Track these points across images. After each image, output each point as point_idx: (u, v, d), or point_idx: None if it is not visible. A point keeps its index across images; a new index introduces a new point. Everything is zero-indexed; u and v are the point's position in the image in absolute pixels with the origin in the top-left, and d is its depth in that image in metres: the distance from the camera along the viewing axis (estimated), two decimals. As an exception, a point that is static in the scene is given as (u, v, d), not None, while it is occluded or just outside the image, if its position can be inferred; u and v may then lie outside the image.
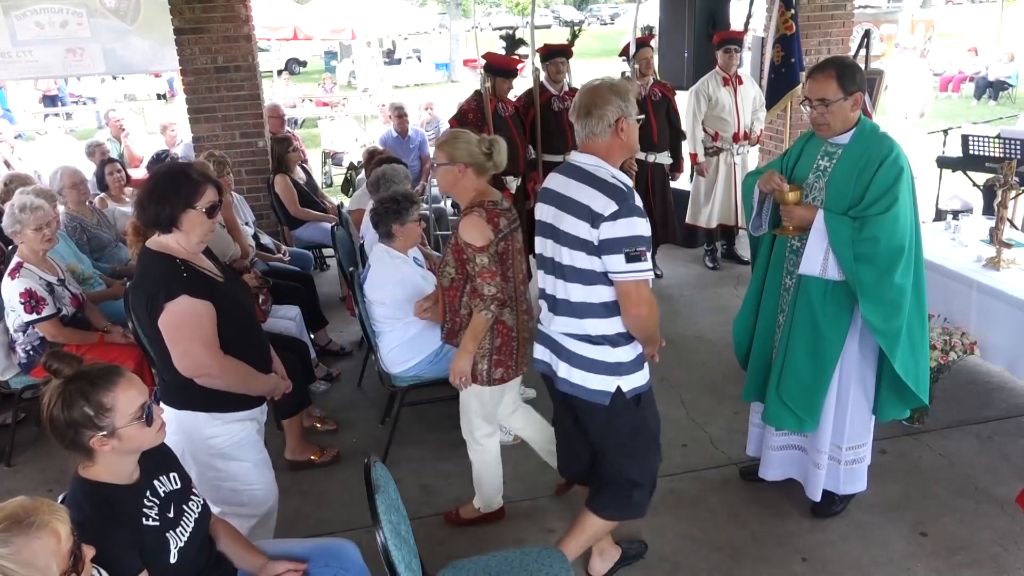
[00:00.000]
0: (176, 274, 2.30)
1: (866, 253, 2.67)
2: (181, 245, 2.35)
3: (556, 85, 5.38)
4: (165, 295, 2.26)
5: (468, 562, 2.36)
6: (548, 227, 2.48)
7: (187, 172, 2.37)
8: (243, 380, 2.43)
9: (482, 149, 2.79)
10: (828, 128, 2.77)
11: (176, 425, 2.35)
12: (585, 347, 2.47)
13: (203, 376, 2.33)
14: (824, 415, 2.99)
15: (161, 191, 2.30)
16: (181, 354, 2.30)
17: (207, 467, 2.44)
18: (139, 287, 2.36)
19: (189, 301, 2.27)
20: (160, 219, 2.30)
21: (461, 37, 24.44)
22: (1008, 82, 15.31)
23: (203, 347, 2.30)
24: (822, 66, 2.74)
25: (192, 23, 5.66)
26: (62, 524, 1.51)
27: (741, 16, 7.47)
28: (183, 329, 2.28)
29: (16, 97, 16.42)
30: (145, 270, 2.37)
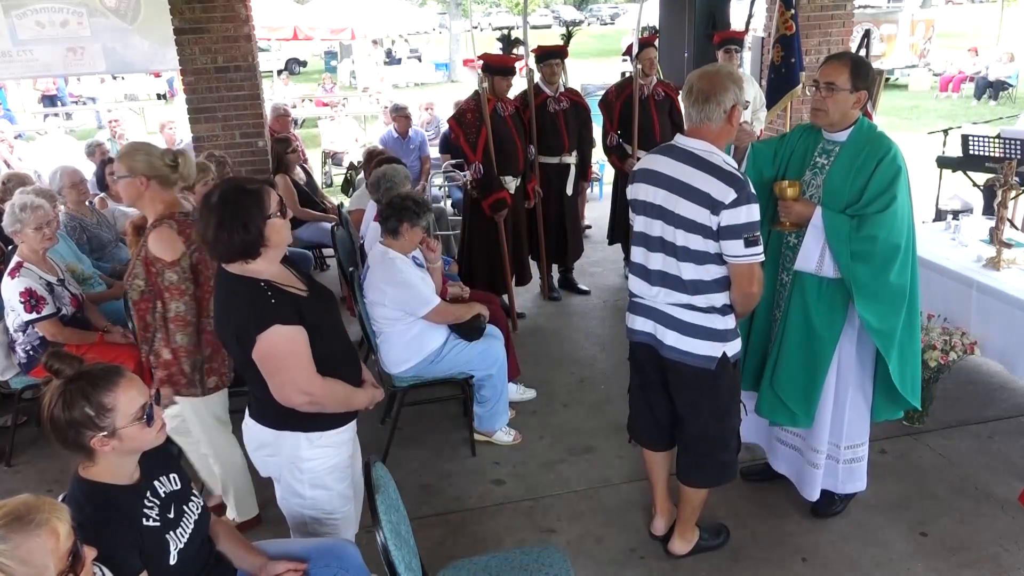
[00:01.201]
0: (264, 301, 2.13)
1: (863, 251, 2.68)
2: (268, 262, 2.18)
3: (551, 86, 5.37)
4: (256, 326, 2.10)
5: (468, 562, 2.36)
6: (656, 208, 2.58)
7: (242, 186, 2.16)
8: (344, 399, 2.30)
9: (165, 161, 2.77)
10: (826, 115, 2.76)
11: (274, 447, 2.31)
12: (695, 315, 2.62)
13: (306, 404, 2.19)
14: (822, 414, 2.99)
15: (235, 216, 2.08)
16: (280, 386, 2.16)
17: (294, 492, 2.36)
18: (225, 318, 2.21)
19: (282, 330, 2.11)
20: (249, 244, 2.11)
21: (461, 37, 24.44)
22: (1008, 82, 15.32)
23: (302, 375, 2.16)
24: (839, 55, 2.79)
25: (192, 23, 5.66)
26: (62, 524, 1.51)
27: (741, 16, 7.47)
28: (279, 360, 2.13)
29: (16, 97, 16.43)
30: (228, 298, 2.20)
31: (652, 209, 2.60)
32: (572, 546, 3.10)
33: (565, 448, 3.80)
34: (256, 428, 2.33)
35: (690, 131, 2.56)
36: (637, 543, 3.11)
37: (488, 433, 3.84)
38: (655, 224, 2.60)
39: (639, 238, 2.68)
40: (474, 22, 32.40)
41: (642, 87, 5.53)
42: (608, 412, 4.09)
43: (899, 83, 17.69)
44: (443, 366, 3.64)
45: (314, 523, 2.40)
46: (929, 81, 17.52)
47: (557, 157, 5.41)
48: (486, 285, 4.89)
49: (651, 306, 2.71)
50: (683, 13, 6.79)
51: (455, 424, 4.04)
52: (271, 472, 2.40)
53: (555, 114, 5.33)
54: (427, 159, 7.97)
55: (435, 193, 7.21)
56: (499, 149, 4.87)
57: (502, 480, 3.58)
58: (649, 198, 2.60)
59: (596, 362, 4.73)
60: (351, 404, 2.33)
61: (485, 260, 5.10)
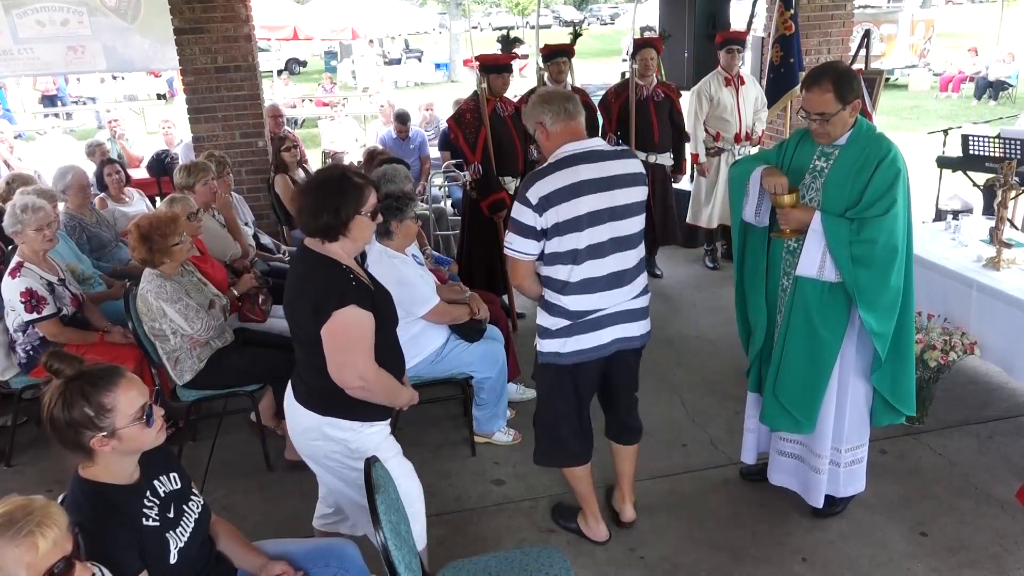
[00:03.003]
0: (345, 281, 2.26)
1: (864, 255, 2.67)
2: (345, 251, 2.31)
3: (558, 85, 5.38)
4: (336, 302, 2.20)
5: (468, 562, 2.36)
6: (605, 211, 2.65)
7: (349, 177, 2.29)
8: (391, 392, 2.40)
9: None
10: (828, 137, 2.77)
11: (317, 431, 2.37)
12: (645, 299, 2.87)
13: (358, 388, 2.29)
14: (824, 418, 2.98)
15: (331, 199, 2.23)
16: (342, 364, 2.25)
17: (348, 467, 2.42)
18: (304, 289, 2.29)
19: (357, 312, 2.22)
20: (331, 227, 2.24)
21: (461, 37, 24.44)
22: (1008, 82, 15.32)
23: (363, 360, 2.26)
24: (818, 78, 2.68)
25: (192, 23, 5.66)
26: (44, 540, 1.49)
27: (742, 16, 7.47)
28: (348, 339, 2.23)
29: (16, 97, 16.43)
30: (311, 272, 2.29)
31: (600, 215, 2.64)
32: (572, 546, 3.10)
33: (565, 448, 3.80)
34: (301, 412, 2.41)
35: (577, 134, 2.69)
36: (637, 543, 3.11)
37: (486, 435, 3.84)
38: (603, 229, 2.66)
39: (586, 253, 2.66)
40: (474, 22, 32.43)
41: (641, 88, 5.53)
42: (608, 412, 4.09)
43: (899, 83, 17.69)
44: (443, 366, 3.63)
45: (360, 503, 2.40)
46: (929, 81, 17.51)
47: (562, 156, 5.41)
48: (485, 285, 4.89)
49: (615, 312, 2.77)
50: (683, 13, 6.80)
51: (455, 424, 4.04)
52: (316, 456, 2.45)
53: (560, 113, 5.33)
54: (427, 159, 7.97)
55: (435, 193, 7.20)
56: (499, 149, 4.87)
57: (502, 480, 3.58)
58: (595, 207, 2.63)
59: (596, 362, 4.72)
60: (395, 399, 2.44)
61: (484, 260, 5.10)
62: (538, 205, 2.59)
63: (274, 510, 3.42)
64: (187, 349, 3.49)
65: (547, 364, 2.83)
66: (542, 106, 2.69)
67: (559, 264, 2.68)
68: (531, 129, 2.77)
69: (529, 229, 2.63)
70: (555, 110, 2.67)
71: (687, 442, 3.82)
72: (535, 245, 2.66)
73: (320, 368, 2.28)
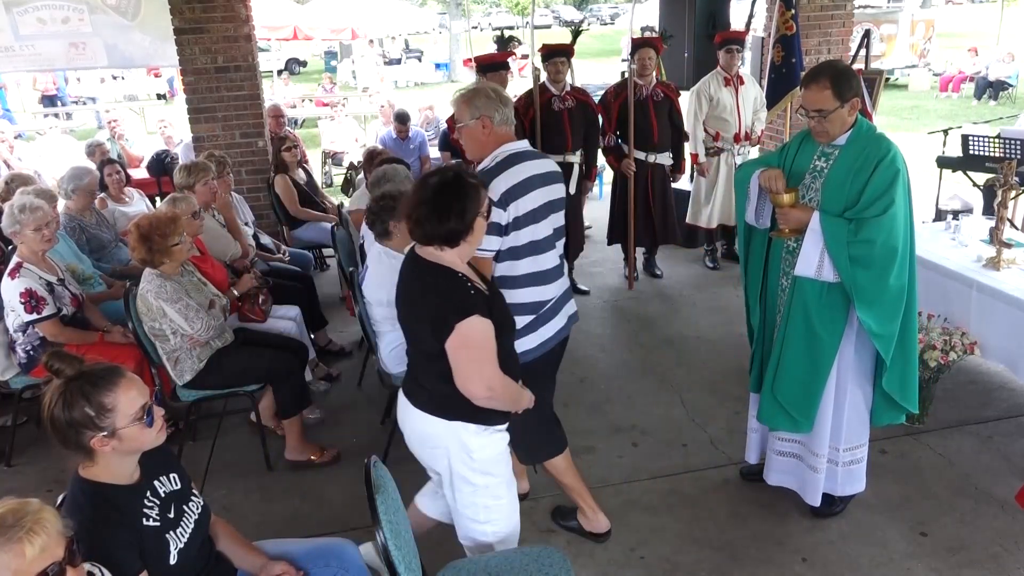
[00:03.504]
0: (464, 291, 2.20)
1: (862, 255, 2.67)
2: (461, 257, 2.26)
3: (557, 85, 5.38)
4: (457, 314, 2.16)
5: (468, 562, 2.36)
6: (545, 206, 2.75)
7: (465, 177, 2.22)
8: (515, 397, 2.36)
9: None
10: (827, 135, 2.77)
11: (440, 438, 2.35)
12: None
13: (485, 398, 2.25)
14: (822, 418, 2.98)
15: (456, 202, 2.17)
16: (468, 376, 2.21)
17: (466, 481, 2.40)
18: (423, 303, 2.25)
19: (478, 321, 2.17)
20: (456, 233, 2.18)
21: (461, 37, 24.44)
22: (1008, 82, 15.32)
23: (489, 369, 2.23)
24: (816, 76, 2.71)
25: (192, 23, 5.67)
26: (31, 547, 1.47)
27: (741, 16, 7.47)
28: (473, 350, 2.20)
29: (16, 97, 16.44)
30: (429, 285, 2.24)
31: (541, 210, 2.73)
32: (572, 546, 3.10)
33: (565, 448, 3.80)
34: (422, 420, 2.36)
35: (508, 137, 2.74)
36: (637, 543, 3.11)
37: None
38: (544, 223, 2.75)
39: (528, 249, 2.72)
40: (474, 22, 32.41)
41: (641, 88, 5.53)
42: (608, 412, 4.09)
43: (899, 83, 17.69)
44: (443, 366, 3.63)
45: (485, 511, 2.44)
46: (929, 81, 17.52)
47: (561, 156, 5.41)
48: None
49: (562, 295, 2.90)
50: (683, 13, 6.80)
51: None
52: (437, 466, 2.44)
53: (560, 113, 5.33)
54: (427, 159, 7.97)
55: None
56: (498, 149, 4.86)
57: (502, 480, 3.57)
58: (537, 203, 2.71)
59: (596, 362, 4.72)
60: (519, 404, 2.41)
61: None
62: (501, 201, 2.62)
63: (274, 510, 3.42)
64: (187, 349, 3.49)
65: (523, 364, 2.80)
66: (493, 102, 2.68)
67: (523, 257, 2.73)
68: (468, 117, 2.68)
69: (494, 226, 2.63)
70: (504, 113, 2.70)
71: (687, 442, 3.81)
72: (498, 241, 2.68)
73: (442, 375, 2.24)
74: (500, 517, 2.48)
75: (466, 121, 2.71)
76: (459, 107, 2.73)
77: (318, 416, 4.13)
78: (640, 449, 3.77)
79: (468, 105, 2.69)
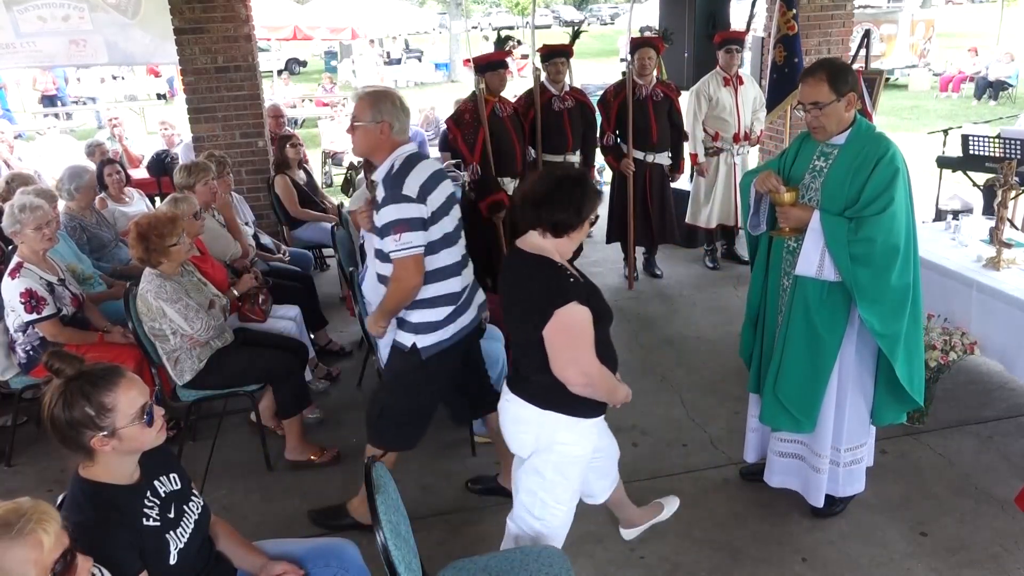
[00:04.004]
0: (564, 278, 2.28)
1: (862, 254, 2.67)
2: (561, 250, 2.35)
3: (556, 85, 5.38)
4: (557, 300, 2.23)
5: (468, 562, 2.36)
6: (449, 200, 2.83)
7: (589, 181, 2.35)
8: (611, 389, 2.40)
9: None
10: (824, 131, 2.77)
11: (533, 424, 2.41)
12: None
13: (582, 385, 2.30)
14: (824, 418, 2.98)
15: (581, 196, 2.28)
16: (568, 362, 2.27)
17: (538, 472, 2.46)
18: (523, 291, 2.34)
19: (578, 309, 2.24)
20: (567, 225, 2.29)
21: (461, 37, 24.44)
22: (1008, 82, 15.32)
23: (586, 356, 2.29)
24: (812, 70, 2.74)
25: (192, 23, 5.67)
26: (47, 536, 1.49)
27: (741, 16, 7.47)
28: (571, 337, 2.25)
29: (16, 97, 16.44)
30: (530, 273, 2.33)
31: (447, 203, 2.81)
32: (572, 546, 3.09)
33: (565, 448, 3.80)
34: (519, 405, 2.44)
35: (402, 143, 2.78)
36: (637, 543, 3.11)
37: (486, 435, 3.83)
38: (451, 216, 2.84)
39: (443, 242, 2.80)
40: (474, 22, 32.41)
41: (641, 87, 5.53)
42: (608, 412, 4.08)
43: (899, 83, 17.69)
44: (443, 366, 3.63)
45: (542, 506, 2.50)
46: (929, 81, 17.51)
47: (561, 156, 5.41)
48: (484, 285, 4.89)
49: (471, 286, 2.98)
50: (683, 13, 6.80)
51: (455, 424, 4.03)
52: (521, 448, 2.50)
53: (560, 113, 5.34)
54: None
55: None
56: (497, 150, 4.87)
57: (502, 480, 3.58)
58: (444, 196, 2.80)
59: (596, 362, 4.72)
60: (614, 395, 2.44)
61: (483, 260, 5.10)
62: (419, 196, 2.68)
63: (274, 510, 3.42)
64: (187, 349, 3.49)
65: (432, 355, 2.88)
66: (397, 111, 2.73)
67: (440, 251, 2.78)
68: (368, 118, 2.70)
69: (418, 221, 2.68)
70: (404, 123, 2.77)
71: (687, 442, 3.81)
72: (423, 236, 2.71)
73: (541, 364, 2.30)
74: (553, 519, 2.53)
75: (365, 121, 2.72)
76: (362, 105, 2.73)
77: (318, 416, 4.13)
78: (640, 449, 3.77)
79: (372, 107, 2.71)
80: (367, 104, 2.72)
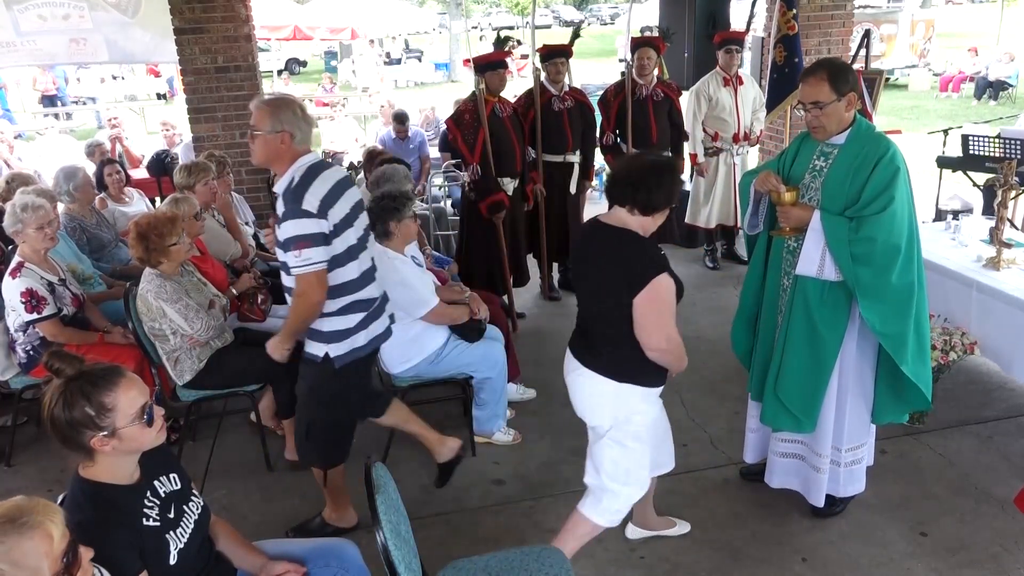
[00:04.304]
0: (656, 250, 2.47)
1: (863, 253, 2.67)
2: (644, 227, 2.50)
3: (556, 85, 5.38)
4: (654, 270, 2.38)
5: (468, 562, 2.36)
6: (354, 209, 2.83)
7: (677, 171, 2.48)
8: (680, 355, 2.55)
9: None
10: (824, 131, 2.77)
11: (609, 397, 2.55)
12: None
13: (663, 350, 2.46)
14: (824, 418, 2.98)
15: (674, 184, 2.48)
16: (656, 328, 2.42)
17: (620, 443, 2.60)
18: (615, 261, 2.46)
19: (667, 279, 2.40)
20: (655, 206, 2.46)
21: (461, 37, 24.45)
22: (1008, 82, 15.32)
23: (670, 325, 2.45)
24: (813, 69, 2.75)
25: (192, 23, 5.66)
26: (55, 526, 1.50)
27: (741, 16, 7.47)
28: (662, 305, 2.41)
29: (16, 97, 16.44)
30: (621, 244, 2.47)
31: (352, 213, 2.79)
32: (572, 546, 3.10)
33: (565, 448, 3.80)
34: (596, 380, 2.56)
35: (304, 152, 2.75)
36: (637, 543, 3.11)
37: (486, 435, 3.84)
38: (357, 225, 2.83)
39: (349, 253, 2.77)
40: (474, 22, 32.41)
41: (641, 87, 5.53)
42: (608, 412, 4.09)
43: (899, 83, 17.69)
44: (443, 366, 3.63)
45: (626, 474, 2.64)
46: (929, 81, 17.51)
47: (561, 156, 5.41)
48: (485, 285, 4.89)
49: (383, 296, 3.01)
50: (683, 13, 6.80)
51: (455, 424, 4.03)
52: (598, 420, 2.62)
53: (559, 113, 5.34)
54: (427, 159, 7.97)
55: (435, 193, 7.20)
56: (497, 151, 4.87)
57: (502, 480, 3.58)
58: (348, 207, 2.78)
59: (596, 362, 4.72)
60: (682, 363, 2.59)
61: (483, 261, 5.10)
62: (320, 210, 2.63)
63: (274, 510, 3.42)
64: (187, 349, 3.48)
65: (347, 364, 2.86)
66: (298, 120, 2.68)
67: (348, 263, 2.76)
68: (268, 127, 2.64)
69: (319, 236, 2.64)
70: (305, 133, 2.72)
71: (687, 442, 3.81)
72: (324, 251, 2.67)
73: (620, 337, 2.45)
74: (637, 482, 2.68)
75: (264, 130, 2.65)
76: (261, 114, 2.66)
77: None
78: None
79: (272, 116, 2.64)
80: (267, 113, 2.65)
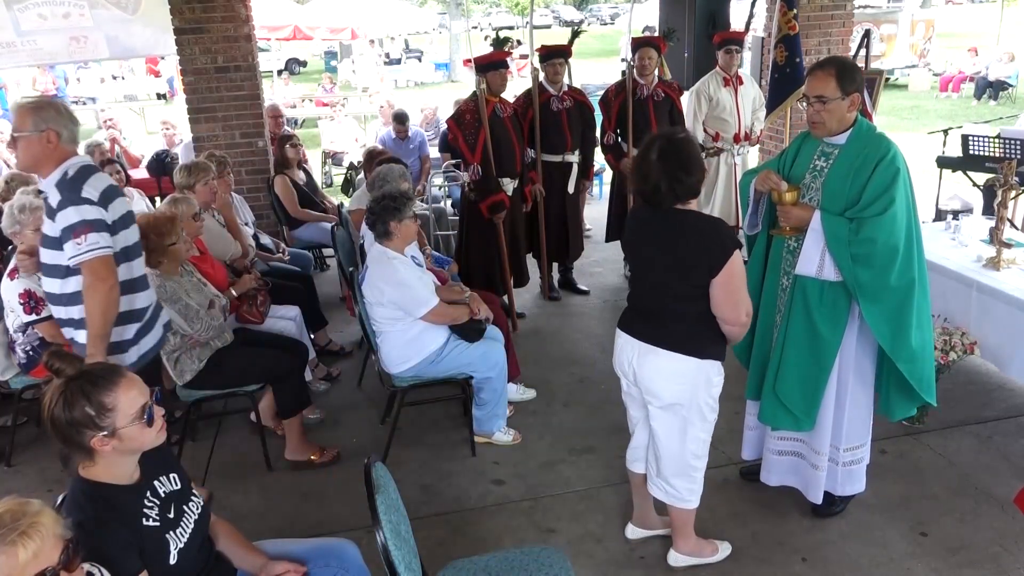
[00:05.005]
0: (728, 229, 2.60)
1: (863, 254, 2.67)
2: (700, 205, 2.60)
3: (555, 86, 5.38)
4: (732, 246, 2.50)
5: (468, 562, 2.36)
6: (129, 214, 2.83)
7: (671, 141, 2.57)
8: (747, 327, 2.66)
9: None
10: (823, 127, 2.77)
11: (688, 375, 2.63)
12: None
13: (742, 324, 2.59)
14: (823, 416, 2.98)
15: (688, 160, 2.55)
16: (737, 302, 2.54)
17: (702, 416, 2.70)
18: (690, 242, 2.54)
19: (739, 256, 2.52)
20: (696, 185, 2.57)
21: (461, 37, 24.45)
22: (1008, 82, 15.32)
23: (747, 298, 2.58)
24: (823, 64, 2.76)
25: (192, 23, 5.67)
26: (23, 550, 1.46)
27: (741, 16, 7.47)
28: (740, 280, 2.54)
29: (16, 97, 16.42)
30: (700, 227, 2.56)
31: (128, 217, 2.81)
32: (572, 546, 3.10)
33: (565, 448, 3.80)
34: (670, 359, 2.63)
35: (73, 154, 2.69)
36: (637, 543, 3.11)
37: (486, 435, 3.84)
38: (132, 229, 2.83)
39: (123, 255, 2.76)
40: (474, 22, 32.40)
41: (642, 87, 5.53)
42: (608, 412, 4.09)
43: (899, 83, 17.69)
44: (443, 366, 3.63)
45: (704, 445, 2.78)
46: (929, 81, 17.51)
47: (560, 156, 5.41)
48: (485, 285, 4.89)
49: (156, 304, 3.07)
50: (683, 13, 6.80)
51: (455, 424, 4.04)
52: (675, 398, 2.67)
53: (558, 113, 5.34)
54: (427, 159, 7.97)
55: (435, 193, 7.20)
56: (498, 151, 4.87)
57: (502, 480, 3.58)
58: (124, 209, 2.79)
59: (596, 362, 4.72)
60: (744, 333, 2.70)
61: (483, 261, 5.10)
62: (100, 200, 2.62)
63: (274, 510, 3.42)
64: (187, 349, 3.49)
65: None
66: (63, 118, 2.63)
67: (121, 263, 2.72)
68: (31, 128, 2.57)
69: (102, 223, 2.61)
70: (72, 131, 2.68)
71: (687, 442, 3.81)
72: (109, 238, 2.64)
73: (698, 316, 2.57)
74: (705, 455, 2.81)
75: (27, 131, 2.58)
76: (22, 115, 2.60)
77: (318, 416, 4.12)
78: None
79: (33, 115, 2.58)
80: (27, 113, 2.58)
